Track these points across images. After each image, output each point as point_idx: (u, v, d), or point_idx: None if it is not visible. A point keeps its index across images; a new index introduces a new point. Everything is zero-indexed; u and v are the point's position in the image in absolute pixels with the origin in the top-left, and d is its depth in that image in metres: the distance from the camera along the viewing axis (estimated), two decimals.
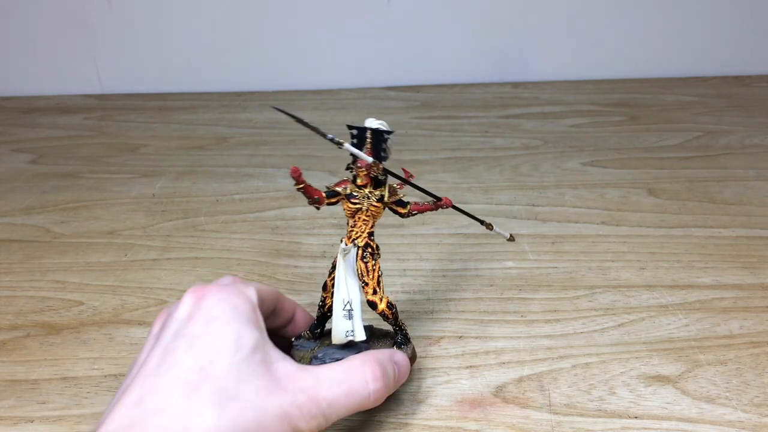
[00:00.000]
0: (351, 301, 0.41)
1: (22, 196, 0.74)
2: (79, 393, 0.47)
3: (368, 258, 0.42)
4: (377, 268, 0.42)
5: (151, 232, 0.66)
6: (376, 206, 0.42)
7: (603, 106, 0.94)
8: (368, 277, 0.42)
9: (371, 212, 0.42)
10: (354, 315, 0.41)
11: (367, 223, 0.42)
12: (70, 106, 1.00)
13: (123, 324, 0.53)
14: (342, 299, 0.42)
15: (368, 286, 0.42)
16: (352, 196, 0.42)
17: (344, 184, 0.42)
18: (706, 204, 0.68)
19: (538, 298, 0.55)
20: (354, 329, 0.41)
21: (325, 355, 0.42)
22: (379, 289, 0.42)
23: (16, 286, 0.58)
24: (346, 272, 0.42)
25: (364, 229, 0.42)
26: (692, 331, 0.50)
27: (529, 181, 0.74)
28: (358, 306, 0.42)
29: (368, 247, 0.42)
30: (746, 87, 1.00)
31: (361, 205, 0.42)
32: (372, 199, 0.42)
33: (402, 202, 0.43)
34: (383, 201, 0.42)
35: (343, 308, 0.41)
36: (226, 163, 0.81)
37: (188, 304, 0.36)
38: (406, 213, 0.43)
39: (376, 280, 0.42)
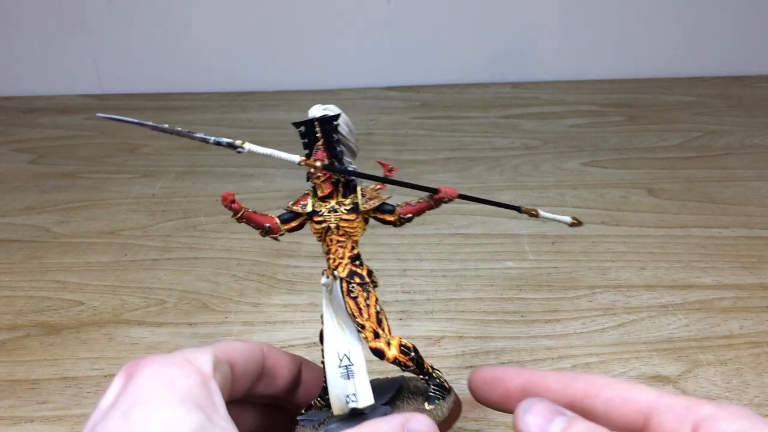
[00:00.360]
0: (349, 354, 0.32)
1: (22, 196, 0.74)
2: (79, 393, 0.47)
3: (356, 291, 0.32)
4: (373, 303, 0.32)
5: (151, 232, 0.66)
6: (349, 219, 0.32)
7: (603, 106, 0.94)
8: (362, 317, 0.32)
9: (345, 230, 0.32)
10: (355, 372, 0.32)
11: (344, 245, 0.32)
12: (70, 106, 1.00)
13: (123, 324, 0.53)
14: (336, 352, 0.32)
15: (365, 330, 0.32)
16: (315, 213, 0.32)
17: (303, 200, 0.33)
18: (706, 204, 0.68)
19: (538, 298, 0.55)
20: (356, 391, 0.31)
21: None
22: (383, 331, 0.32)
23: (16, 286, 0.58)
24: (337, 315, 0.32)
25: (342, 253, 0.32)
26: (692, 331, 0.50)
27: (529, 181, 0.74)
28: (359, 359, 0.32)
29: (354, 276, 0.32)
30: (746, 87, 1.00)
31: (328, 223, 0.32)
32: (341, 212, 0.32)
33: (386, 206, 0.33)
34: (358, 211, 0.32)
35: (339, 365, 0.32)
36: (226, 163, 0.81)
37: (115, 386, 0.27)
38: (396, 219, 0.33)
39: (375, 318, 0.32)
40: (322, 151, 0.31)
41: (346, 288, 0.32)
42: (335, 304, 0.32)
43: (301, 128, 0.32)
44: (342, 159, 0.32)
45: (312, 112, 0.31)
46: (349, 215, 0.32)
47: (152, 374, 0.26)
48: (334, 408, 0.32)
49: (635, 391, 0.29)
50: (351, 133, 0.32)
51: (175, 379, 0.26)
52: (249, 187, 0.75)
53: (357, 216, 0.32)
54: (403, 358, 0.32)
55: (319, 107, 0.32)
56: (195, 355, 0.28)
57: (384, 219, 0.33)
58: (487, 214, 0.67)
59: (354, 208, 0.32)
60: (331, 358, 0.32)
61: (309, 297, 0.56)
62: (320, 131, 0.31)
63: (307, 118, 0.31)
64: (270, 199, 0.72)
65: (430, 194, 0.33)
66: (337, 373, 0.32)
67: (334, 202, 0.32)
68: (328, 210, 0.32)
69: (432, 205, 0.33)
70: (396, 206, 0.33)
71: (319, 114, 0.31)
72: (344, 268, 0.32)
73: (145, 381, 0.26)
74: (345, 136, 0.32)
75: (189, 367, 0.27)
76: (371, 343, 0.32)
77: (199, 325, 0.53)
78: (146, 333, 0.52)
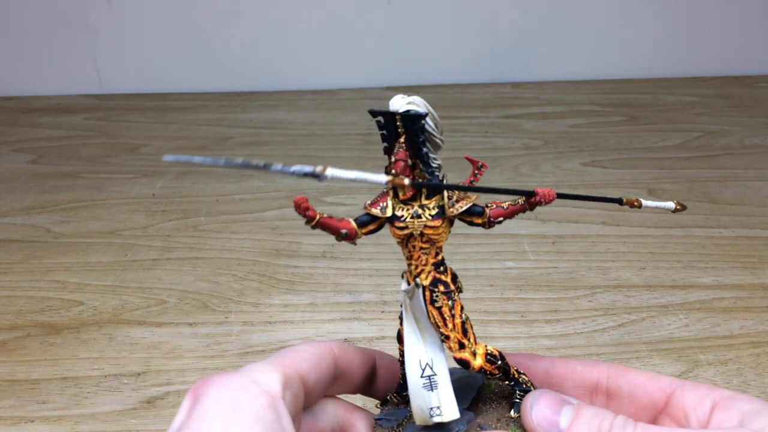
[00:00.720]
0: (431, 363, 0.30)
1: (22, 196, 0.74)
2: (79, 393, 0.47)
3: (441, 301, 0.30)
4: (458, 312, 0.30)
5: (151, 232, 0.66)
6: (434, 226, 0.29)
7: (603, 106, 0.94)
8: (447, 327, 0.30)
9: (429, 236, 0.29)
10: (438, 383, 0.29)
11: (427, 252, 0.30)
12: (71, 106, 1.00)
13: (123, 324, 0.53)
14: (418, 361, 0.30)
15: (450, 340, 0.30)
16: (395, 218, 0.29)
17: (383, 201, 0.29)
18: (706, 204, 0.68)
19: (539, 298, 0.55)
20: (441, 404, 0.29)
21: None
22: (468, 341, 0.30)
23: (16, 286, 0.58)
24: (418, 321, 0.30)
25: (425, 260, 0.30)
26: (692, 331, 0.50)
27: (529, 181, 0.74)
28: (443, 369, 0.30)
29: (438, 285, 0.30)
30: (746, 87, 1.00)
31: (411, 230, 0.29)
32: (426, 217, 0.29)
33: (476, 208, 0.30)
34: (444, 216, 0.29)
35: (422, 375, 0.29)
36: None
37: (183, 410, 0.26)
38: (486, 222, 0.30)
39: (460, 328, 0.30)
40: (404, 150, 0.28)
41: (429, 297, 0.30)
42: (417, 311, 0.30)
43: (378, 119, 0.28)
44: (428, 160, 0.29)
45: (394, 105, 0.28)
46: (435, 221, 0.29)
47: (218, 398, 0.25)
48: (417, 419, 0.30)
49: (656, 374, 0.30)
50: (437, 128, 0.29)
51: (241, 403, 0.25)
52: (249, 187, 0.75)
53: (443, 221, 0.29)
54: (490, 367, 0.30)
55: (401, 99, 0.28)
56: (262, 375, 0.27)
57: (472, 221, 0.30)
58: None
59: (440, 212, 0.29)
60: (412, 367, 0.30)
61: (309, 297, 0.56)
62: (403, 127, 0.28)
63: (386, 110, 0.28)
64: (270, 199, 0.72)
65: (525, 197, 0.30)
66: (420, 383, 0.29)
67: (417, 205, 0.29)
68: (411, 216, 0.29)
69: (526, 208, 0.30)
70: (485, 207, 0.30)
71: (402, 108, 0.28)
72: (427, 275, 0.30)
73: (211, 405, 0.25)
74: (431, 133, 0.28)
75: (256, 389, 0.26)
76: (456, 354, 0.30)
77: (199, 325, 0.53)
78: (146, 333, 0.52)
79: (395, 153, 0.28)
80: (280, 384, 0.26)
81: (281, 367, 0.28)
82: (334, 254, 0.61)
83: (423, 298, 0.30)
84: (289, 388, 0.27)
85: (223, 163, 0.24)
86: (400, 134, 0.28)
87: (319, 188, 0.73)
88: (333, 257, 0.61)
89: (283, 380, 0.27)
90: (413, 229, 0.29)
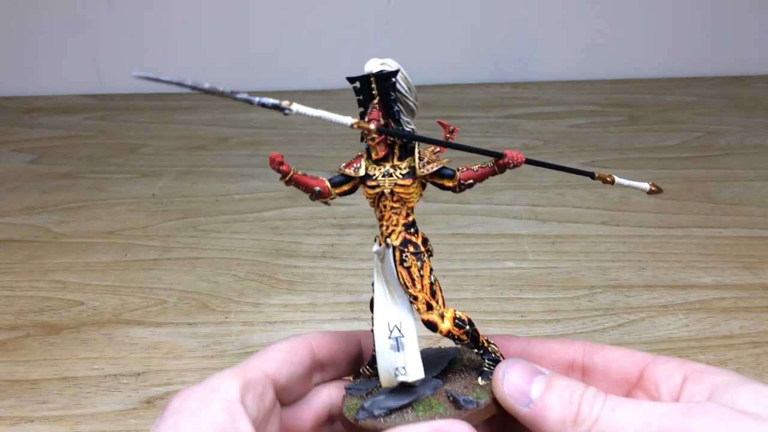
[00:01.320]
0: (399, 325, 0.30)
1: (22, 196, 0.74)
2: (79, 393, 0.47)
3: (410, 261, 0.30)
4: (427, 273, 0.30)
5: (151, 232, 0.66)
6: (404, 185, 0.30)
7: (603, 107, 0.94)
8: (415, 288, 0.30)
9: (399, 195, 0.30)
10: (405, 344, 0.30)
11: (398, 212, 0.30)
12: (70, 106, 1.00)
13: (123, 324, 0.53)
14: (386, 323, 0.30)
15: (418, 301, 0.30)
16: (368, 177, 0.30)
17: (356, 162, 0.30)
18: (706, 204, 0.68)
19: (538, 298, 0.55)
20: (406, 364, 0.30)
21: (374, 405, 0.31)
22: (437, 303, 0.30)
23: (16, 286, 0.58)
24: (389, 284, 0.31)
25: (396, 220, 0.30)
26: (692, 331, 0.50)
27: (530, 181, 0.74)
28: (410, 330, 0.30)
29: (408, 245, 0.30)
30: (746, 87, 1.00)
31: (381, 188, 0.30)
32: (396, 176, 0.30)
33: (446, 170, 0.31)
34: (414, 175, 0.30)
35: (389, 335, 0.30)
36: (226, 163, 0.81)
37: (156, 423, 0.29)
38: (456, 185, 0.31)
39: (429, 289, 0.30)
40: (377, 110, 0.29)
41: (399, 257, 0.30)
42: (387, 272, 0.30)
43: (355, 84, 0.29)
44: (399, 119, 0.30)
45: (368, 67, 0.29)
46: (405, 180, 0.30)
47: (176, 407, 0.28)
48: (383, 380, 0.30)
49: (633, 351, 0.31)
50: (410, 91, 0.30)
51: (195, 410, 0.28)
52: (249, 187, 0.75)
53: (413, 181, 0.30)
54: (458, 332, 0.30)
55: (376, 61, 0.29)
56: (222, 382, 0.29)
57: (443, 184, 0.31)
58: (487, 215, 0.67)
59: (410, 172, 0.30)
60: (380, 329, 0.30)
61: (309, 297, 0.56)
62: (376, 88, 0.29)
63: (362, 74, 0.29)
64: (270, 198, 0.72)
65: (494, 159, 0.30)
66: (387, 344, 0.30)
67: (389, 165, 0.30)
68: (383, 174, 0.30)
69: (496, 171, 0.30)
70: (456, 171, 0.31)
71: (375, 69, 0.29)
72: (398, 236, 0.30)
73: (169, 415, 0.28)
74: (403, 94, 0.30)
75: (212, 396, 0.28)
76: (424, 316, 0.30)
77: (199, 325, 0.53)
78: (146, 333, 0.52)
79: (369, 113, 0.29)
80: (238, 389, 0.28)
81: (243, 371, 0.30)
82: (334, 254, 0.61)
83: (393, 259, 0.30)
84: (251, 390, 0.29)
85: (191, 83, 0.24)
86: (374, 96, 0.29)
87: None
88: (333, 257, 0.61)
89: (241, 385, 0.29)
90: (384, 188, 0.30)
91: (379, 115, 0.29)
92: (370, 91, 0.29)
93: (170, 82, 0.24)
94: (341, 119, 0.27)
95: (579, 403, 0.27)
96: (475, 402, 0.30)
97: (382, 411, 0.30)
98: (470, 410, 0.30)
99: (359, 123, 0.28)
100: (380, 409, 0.30)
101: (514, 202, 0.70)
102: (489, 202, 0.70)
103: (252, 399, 0.29)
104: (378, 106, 0.29)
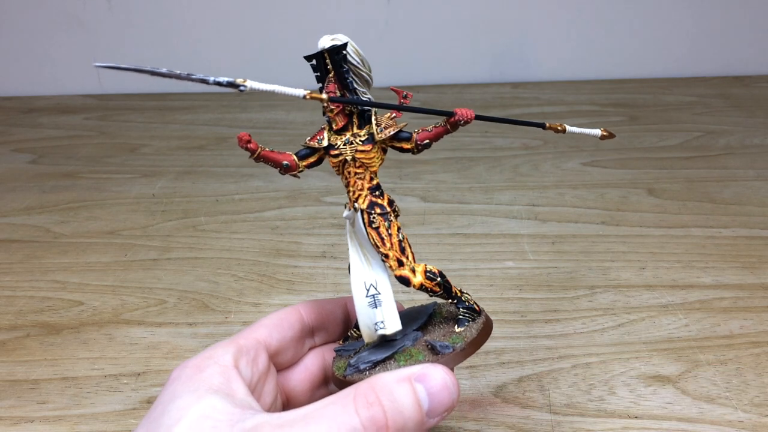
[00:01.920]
0: (375, 283, 0.32)
1: (22, 196, 0.74)
2: (79, 393, 0.47)
3: (378, 221, 0.32)
4: (395, 231, 0.32)
5: (151, 232, 0.66)
6: (365, 150, 0.32)
7: (603, 106, 0.94)
8: (385, 246, 0.32)
9: (361, 161, 0.32)
10: (381, 300, 0.32)
11: (362, 177, 0.32)
12: (70, 106, 1.00)
13: (123, 324, 0.53)
14: (362, 283, 0.33)
15: (389, 258, 0.32)
16: (331, 147, 0.32)
17: (320, 135, 0.33)
18: (706, 204, 0.68)
19: (538, 298, 0.55)
20: (384, 319, 0.32)
21: (359, 361, 0.33)
22: (407, 258, 0.32)
23: (16, 286, 0.58)
24: (362, 247, 0.33)
25: (361, 185, 0.32)
26: (692, 331, 0.50)
27: (529, 181, 0.74)
28: (386, 287, 0.33)
29: (374, 207, 0.32)
30: (746, 87, 1.00)
31: (344, 156, 0.32)
32: (357, 143, 0.32)
33: (402, 133, 0.33)
34: (373, 141, 0.32)
35: (366, 294, 0.32)
36: (226, 163, 0.81)
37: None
38: (413, 146, 0.33)
39: (398, 246, 0.32)
40: (333, 83, 0.31)
41: (367, 219, 0.32)
42: (359, 236, 0.33)
43: (312, 62, 0.32)
44: (355, 89, 0.32)
45: (321, 44, 0.31)
46: (365, 146, 0.32)
47: (176, 375, 0.30)
48: (365, 336, 0.33)
49: None
50: (362, 63, 0.32)
51: (192, 375, 0.30)
52: (249, 186, 0.75)
53: (373, 146, 0.32)
54: (430, 284, 0.32)
55: (327, 37, 0.31)
56: (217, 350, 0.31)
57: (401, 147, 0.33)
58: (487, 214, 0.67)
59: (369, 138, 0.32)
60: (358, 290, 0.33)
61: (309, 297, 0.56)
62: (330, 63, 0.31)
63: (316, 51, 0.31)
64: (270, 199, 0.72)
65: (446, 118, 0.33)
66: (365, 302, 0.32)
67: (350, 134, 0.32)
68: (344, 143, 0.32)
69: (448, 129, 0.33)
70: (413, 133, 0.33)
71: (327, 45, 0.31)
72: (364, 199, 0.32)
73: (170, 384, 0.30)
74: (355, 65, 0.31)
75: (208, 362, 0.31)
76: (396, 272, 0.32)
77: (199, 325, 0.53)
78: (146, 333, 0.52)
79: (325, 87, 0.32)
80: (231, 355, 0.31)
81: (236, 340, 0.32)
82: (334, 254, 0.61)
83: (362, 222, 0.32)
84: (244, 356, 0.32)
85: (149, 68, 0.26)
86: (330, 71, 0.31)
87: (319, 188, 0.73)
88: (333, 257, 0.61)
89: (234, 351, 0.31)
90: (346, 155, 0.32)
91: (335, 87, 0.31)
92: (325, 66, 0.31)
93: (129, 69, 0.26)
94: (294, 92, 0.29)
95: None
96: (451, 347, 0.32)
97: (367, 365, 0.32)
98: (447, 354, 0.32)
99: (311, 94, 0.30)
100: (365, 363, 0.32)
101: (514, 201, 0.70)
102: (489, 202, 0.70)
103: (245, 363, 0.31)
104: (333, 79, 0.31)
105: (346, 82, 0.31)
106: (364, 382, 0.28)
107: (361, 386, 0.27)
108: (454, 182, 0.74)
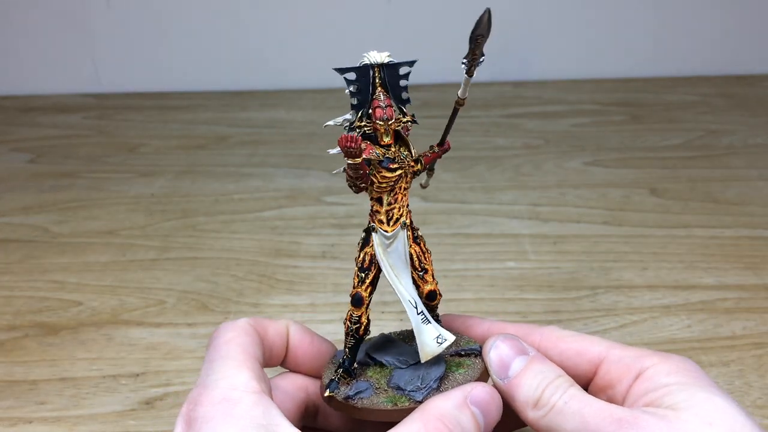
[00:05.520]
0: (415, 303, 0.32)
1: (20, 196, 0.74)
2: (77, 394, 0.46)
3: (420, 237, 0.32)
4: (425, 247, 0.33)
5: (149, 232, 0.66)
6: (416, 168, 0.32)
7: (605, 106, 0.94)
8: (427, 261, 0.32)
9: (410, 178, 0.32)
10: (428, 317, 0.32)
11: (406, 194, 0.32)
12: (69, 106, 1.00)
13: (122, 324, 0.53)
14: (408, 302, 0.32)
15: (428, 273, 0.32)
16: (389, 161, 0.31)
17: (371, 149, 0.30)
18: (708, 204, 0.68)
19: (540, 299, 0.54)
20: (440, 332, 0.32)
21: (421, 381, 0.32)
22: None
23: (14, 286, 0.58)
24: (394, 268, 0.32)
25: (405, 202, 0.32)
26: (695, 332, 0.50)
27: (531, 180, 0.74)
28: (420, 303, 0.32)
29: (413, 223, 0.32)
30: (749, 86, 0.99)
31: (404, 170, 0.31)
32: (409, 160, 0.31)
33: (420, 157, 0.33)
34: (420, 160, 0.33)
35: (417, 312, 0.32)
36: (225, 163, 0.80)
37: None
38: (422, 167, 0.33)
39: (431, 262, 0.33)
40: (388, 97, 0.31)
41: (412, 235, 0.32)
42: (393, 256, 0.32)
43: (347, 75, 0.31)
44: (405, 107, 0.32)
45: (373, 58, 0.31)
46: (415, 164, 0.32)
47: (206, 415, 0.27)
48: (425, 355, 0.31)
49: (588, 343, 0.32)
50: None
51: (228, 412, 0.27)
52: (249, 186, 0.74)
53: (416, 164, 0.32)
54: (439, 299, 0.33)
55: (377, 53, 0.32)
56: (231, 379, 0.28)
57: (418, 169, 0.33)
58: (488, 214, 0.67)
59: (415, 158, 0.32)
60: (409, 309, 0.32)
61: (309, 297, 0.55)
62: (380, 77, 0.31)
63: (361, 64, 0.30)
64: (269, 198, 0.72)
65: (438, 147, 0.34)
66: (418, 320, 0.32)
67: (395, 150, 0.31)
68: (401, 158, 0.31)
69: (439, 155, 0.34)
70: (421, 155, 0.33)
71: (385, 60, 0.31)
72: (407, 216, 0.32)
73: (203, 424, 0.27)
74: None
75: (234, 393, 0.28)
76: (430, 286, 0.32)
77: (199, 325, 0.53)
78: (145, 333, 0.52)
79: (380, 101, 0.30)
80: (254, 379, 0.28)
81: (242, 362, 0.29)
82: (334, 254, 0.61)
83: (405, 241, 0.32)
84: (262, 379, 0.29)
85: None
86: (377, 86, 0.30)
87: (319, 188, 0.73)
88: (333, 257, 0.61)
89: (251, 375, 0.28)
90: (405, 169, 0.31)
91: (390, 101, 0.31)
92: (369, 80, 0.30)
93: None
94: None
95: (543, 389, 0.29)
96: (477, 345, 0.33)
97: (435, 382, 0.31)
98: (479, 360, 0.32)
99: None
100: (433, 381, 0.31)
101: (516, 201, 0.69)
102: (490, 202, 0.69)
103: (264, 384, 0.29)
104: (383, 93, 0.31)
105: (402, 100, 0.31)
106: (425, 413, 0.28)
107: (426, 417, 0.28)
108: (455, 182, 0.74)
